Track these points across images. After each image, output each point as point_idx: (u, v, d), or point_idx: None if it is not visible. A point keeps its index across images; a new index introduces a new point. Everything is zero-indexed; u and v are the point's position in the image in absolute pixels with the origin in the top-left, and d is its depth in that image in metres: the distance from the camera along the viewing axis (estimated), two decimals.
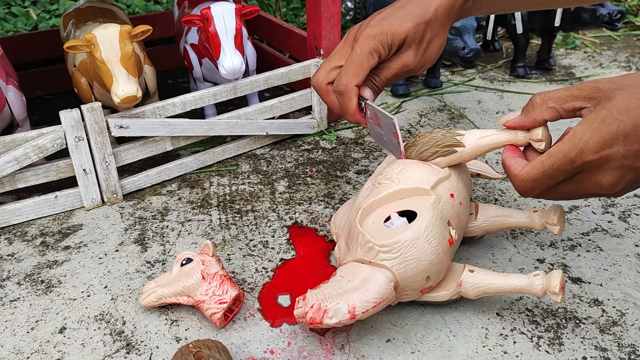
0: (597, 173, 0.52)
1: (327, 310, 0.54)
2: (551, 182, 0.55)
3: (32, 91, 1.11)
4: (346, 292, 0.55)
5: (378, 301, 0.54)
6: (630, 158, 0.50)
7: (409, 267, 0.56)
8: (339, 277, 0.58)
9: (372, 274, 0.56)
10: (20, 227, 0.77)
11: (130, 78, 0.75)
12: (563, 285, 0.55)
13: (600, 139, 0.51)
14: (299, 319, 0.56)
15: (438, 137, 0.64)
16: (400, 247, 0.56)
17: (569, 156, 0.52)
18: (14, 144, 0.74)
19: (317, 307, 0.54)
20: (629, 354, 0.57)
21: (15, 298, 0.65)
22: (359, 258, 0.58)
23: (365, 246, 0.58)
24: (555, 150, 0.53)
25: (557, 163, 0.53)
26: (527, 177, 0.55)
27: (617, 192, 0.54)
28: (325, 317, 0.53)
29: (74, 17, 0.92)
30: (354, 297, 0.54)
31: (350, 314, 0.53)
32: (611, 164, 0.51)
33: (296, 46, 1.06)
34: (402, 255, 0.56)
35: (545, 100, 0.56)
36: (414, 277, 0.57)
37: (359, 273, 0.57)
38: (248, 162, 0.92)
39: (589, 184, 0.54)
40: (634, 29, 1.52)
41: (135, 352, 0.58)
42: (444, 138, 0.63)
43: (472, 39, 0.99)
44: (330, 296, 0.55)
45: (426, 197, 0.60)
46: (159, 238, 0.75)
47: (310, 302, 0.55)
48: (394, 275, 0.56)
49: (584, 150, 0.51)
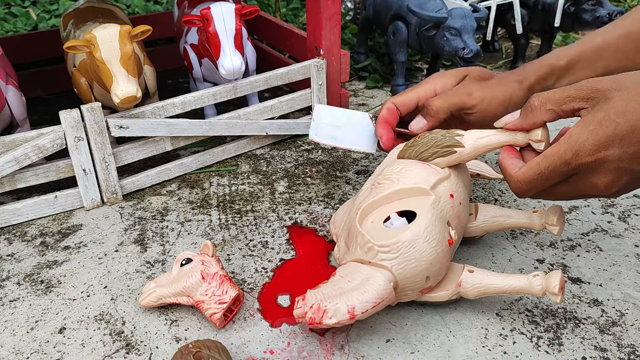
0: (592, 175, 0.52)
1: (327, 310, 0.54)
2: (547, 184, 0.55)
3: (32, 91, 1.11)
4: (345, 292, 0.55)
5: (377, 301, 0.54)
6: (626, 160, 0.50)
7: (409, 268, 0.56)
8: (338, 277, 0.58)
9: (372, 274, 0.56)
10: (20, 227, 0.77)
11: (130, 78, 0.75)
12: (562, 286, 0.55)
13: (596, 141, 0.50)
14: (299, 319, 0.56)
15: (437, 137, 0.64)
16: (399, 247, 0.56)
17: (565, 158, 0.52)
18: (14, 144, 0.74)
19: (316, 308, 0.54)
20: (629, 354, 0.57)
21: (15, 298, 0.65)
22: (358, 258, 0.58)
23: (364, 246, 0.58)
24: (551, 152, 0.53)
25: (552, 165, 0.53)
26: (523, 179, 0.55)
27: (612, 194, 0.54)
28: (325, 318, 0.53)
29: (74, 17, 0.92)
30: (354, 297, 0.54)
31: (349, 314, 0.53)
32: (607, 166, 0.51)
33: (296, 46, 1.06)
34: (401, 255, 0.56)
35: (543, 102, 0.56)
36: (414, 278, 0.57)
37: (359, 273, 0.57)
38: (248, 162, 0.92)
39: (584, 185, 0.54)
40: None
41: (135, 352, 0.58)
42: (443, 138, 0.63)
43: (472, 40, 0.99)
44: (329, 296, 0.55)
45: (426, 197, 0.60)
46: (158, 238, 0.75)
47: (310, 302, 0.55)
48: (393, 275, 0.56)
49: (579, 153, 0.51)
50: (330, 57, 0.98)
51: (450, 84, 0.73)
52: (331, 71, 0.99)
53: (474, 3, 1.06)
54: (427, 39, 1.04)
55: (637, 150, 0.49)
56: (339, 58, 0.99)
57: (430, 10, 1.01)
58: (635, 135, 0.49)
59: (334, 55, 0.98)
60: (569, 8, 1.12)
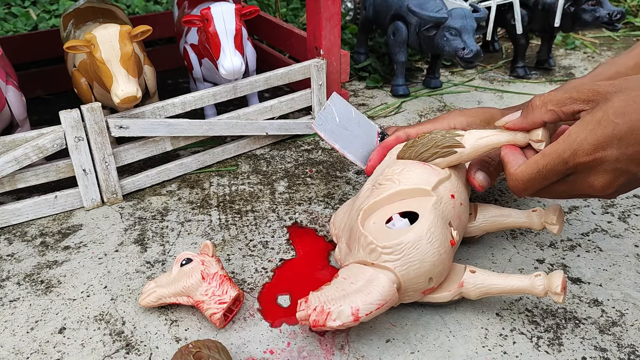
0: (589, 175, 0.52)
1: (331, 312, 0.53)
2: (545, 182, 0.55)
3: (32, 91, 1.11)
4: (349, 294, 0.55)
5: (381, 303, 0.54)
6: (624, 161, 0.50)
7: (412, 269, 0.56)
8: (341, 279, 0.58)
9: (375, 276, 0.56)
10: (20, 227, 0.77)
11: (130, 78, 0.75)
12: (565, 286, 0.55)
13: (595, 141, 0.50)
14: (302, 321, 0.56)
15: (437, 137, 0.64)
16: (402, 248, 0.56)
17: (563, 157, 0.52)
18: (14, 144, 0.74)
19: (320, 310, 0.54)
20: (629, 354, 0.57)
21: (15, 298, 0.65)
22: (361, 260, 0.58)
23: (367, 248, 0.57)
24: (549, 150, 0.53)
25: (550, 163, 0.53)
26: (521, 177, 0.55)
27: (609, 195, 0.54)
28: (329, 320, 0.53)
29: (74, 17, 0.92)
30: (357, 299, 0.54)
31: (353, 316, 0.53)
32: (604, 167, 0.51)
33: (296, 46, 1.06)
34: (404, 256, 0.56)
35: (544, 102, 0.56)
36: (417, 279, 0.57)
37: (362, 275, 0.57)
38: (248, 162, 0.92)
39: (581, 185, 0.53)
40: (633, 29, 1.53)
41: (135, 353, 0.58)
42: (443, 139, 0.63)
43: (472, 40, 0.99)
44: (333, 298, 0.55)
45: (427, 198, 0.60)
46: (158, 238, 0.75)
47: (313, 304, 0.55)
48: (396, 276, 0.56)
49: (577, 152, 0.51)
50: (330, 57, 0.98)
51: (470, 123, 0.71)
52: (331, 71, 0.99)
53: (474, 3, 1.06)
54: (427, 39, 1.04)
55: (636, 151, 0.49)
56: (339, 58, 0.99)
57: (431, 10, 1.01)
58: (633, 137, 0.49)
59: (334, 55, 0.98)
60: (569, 8, 1.12)
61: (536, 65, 1.29)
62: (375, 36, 1.38)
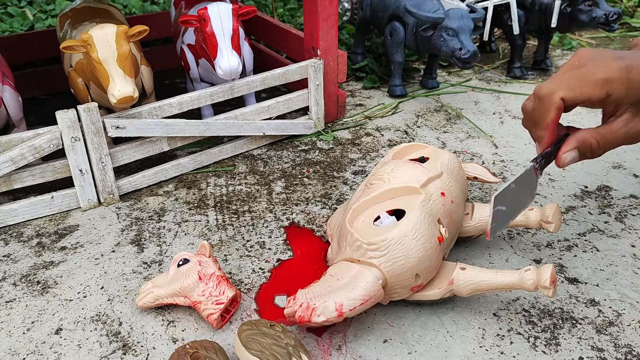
0: None
1: (315, 308, 0.54)
2: None
3: (29, 91, 1.10)
4: (334, 290, 0.56)
5: (365, 298, 0.55)
6: None
7: (397, 265, 0.56)
8: (328, 276, 0.59)
9: (361, 272, 0.57)
10: (16, 227, 0.77)
11: (127, 78, 0.75)
12: (554, 279, 0.55)
13: None
14: (289, 317, 0.57)
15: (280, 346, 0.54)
16: (387, 244, 0.57)
17: None
18: (10, 144, 0.74)
19: (305, 306, 0.55)
20: (626, 354, 0.57)
21: (11, 299, 0.65)
22: (348, 257, 0.59)
23: (354, 245, 0.58)
24: None
25: None
26: None
27: None
28: (314, 315, 0.54)
29: (71, 17, 0.92)
30: (342, 295, 0.55)
31: (337, 312, 0.54)
32: None
33: (293, 47, 1.06)
34: (389, 252, 0.56)
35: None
36: (403, 275, 0.57)
37: (348, 272, 0.58)
38: (245, 162, 0.92)
39: None
40: (629, 30, 1.53)
41: (131, 353, 0.58)
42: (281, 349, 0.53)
43: (469, 40, 0.99)
44: (318, 295, 0.56)
45: (416, 195, 0.61)
46: (155, 239, 0.74)
47: (300, 301, 0.56)
48: (382, 273, 0.57)
49: None
50: (328, 57, 0.98)
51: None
52: (328, 71, 0.99)
53: (471, 4, 1.07)
54: (424, 40, 1.04)
55: None
56: (336, 58, 0.99)
57: (428, 10, 1.01)
58: None
59: (331, 55, 0.98)
60: (565, 9, 1.12)
61: (533, 65, 1.29)
62: (373, 37, 1.38)
